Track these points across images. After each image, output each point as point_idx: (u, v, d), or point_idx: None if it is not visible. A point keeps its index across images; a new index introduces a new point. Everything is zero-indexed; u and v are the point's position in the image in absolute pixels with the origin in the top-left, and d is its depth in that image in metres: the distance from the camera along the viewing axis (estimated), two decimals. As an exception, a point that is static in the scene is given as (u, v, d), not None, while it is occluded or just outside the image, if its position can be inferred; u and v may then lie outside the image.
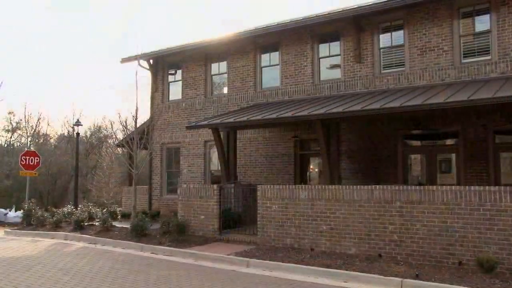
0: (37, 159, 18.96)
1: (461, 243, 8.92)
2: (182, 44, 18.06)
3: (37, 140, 33.91)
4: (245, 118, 13.29)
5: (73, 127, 28.04)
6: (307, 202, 11.02)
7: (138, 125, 15.76)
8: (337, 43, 15.08)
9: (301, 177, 15.44)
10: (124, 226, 14.89)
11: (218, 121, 13.92)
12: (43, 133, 35.43)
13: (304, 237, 11.00)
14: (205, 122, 14.41)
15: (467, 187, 9.11)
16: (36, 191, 28.73)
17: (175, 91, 19.09)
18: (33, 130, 33.92)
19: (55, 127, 61.49)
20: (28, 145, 32.13)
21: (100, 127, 37.27)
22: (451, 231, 9.01)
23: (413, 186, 9.85)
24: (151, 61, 19.26)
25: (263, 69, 16.76)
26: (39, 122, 34.40)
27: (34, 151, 19.95)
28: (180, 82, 18.82)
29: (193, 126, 14.92)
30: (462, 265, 8.80)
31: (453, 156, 13.44)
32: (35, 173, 19.41)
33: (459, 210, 8.99)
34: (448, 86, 12.28)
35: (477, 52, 12.82)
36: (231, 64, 17.29)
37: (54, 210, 18.16)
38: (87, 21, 73.40)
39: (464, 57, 12.98)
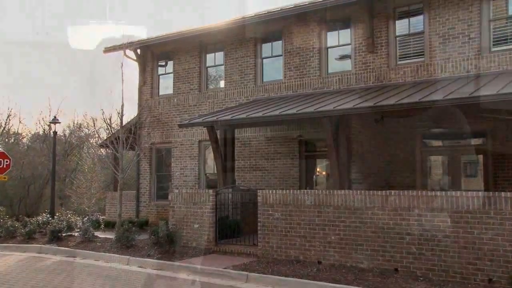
0: (6, 161, 18.82)
1: (490, 258, 8.82)
2: (173, 32, 17.99)
3: (7, 140, 33.79)
4: (244, 115, 13.26)
5: (49, 125, 27.90)
6: (313, 209, 10.95)
7: (124, 123, 15.72)
8: (347, 30, 15.02)
9: (307, 181, 15.39)
10: (108, 236, 14.84)
11: (214, 118, 13.90)
12: (14, 132, 35.30)
13: (310, 248, 10.93)
14: (200, 120, 14.38)
15: (496, 193, 9.05)
16: (6, 197, 28.60)
17: (166, 85, 19.04)
18: (2, 128, 33.79)
19: (29, 125, 61.55)
20: (-4, 145, 32.05)
21: (80, 125, 37.17)
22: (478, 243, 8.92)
23: (433, 192, 9.80)
24: (138, 51, 19.21)
25: (264, 60, 16.70)
26: (9, 119, 34.23)
27: (3, 152, 19.78)
28: (172, 75, 18.77)
29: (186, 124, 14.90)
30: (492, 283, 8.70)
31: (480, 158, 13.36)
32: (4, 177, 19.24)
33: (488, 220, 8.89)
34: (475, 78, 12.22)
35: (510, 38, 12.67)
36: (229, 55, 17.23)
37: (27, 219, 18.00)
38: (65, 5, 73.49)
39: (494, 45, 12.83)
